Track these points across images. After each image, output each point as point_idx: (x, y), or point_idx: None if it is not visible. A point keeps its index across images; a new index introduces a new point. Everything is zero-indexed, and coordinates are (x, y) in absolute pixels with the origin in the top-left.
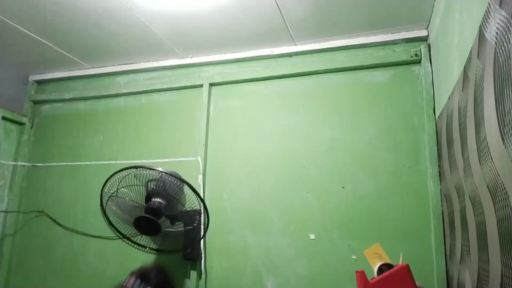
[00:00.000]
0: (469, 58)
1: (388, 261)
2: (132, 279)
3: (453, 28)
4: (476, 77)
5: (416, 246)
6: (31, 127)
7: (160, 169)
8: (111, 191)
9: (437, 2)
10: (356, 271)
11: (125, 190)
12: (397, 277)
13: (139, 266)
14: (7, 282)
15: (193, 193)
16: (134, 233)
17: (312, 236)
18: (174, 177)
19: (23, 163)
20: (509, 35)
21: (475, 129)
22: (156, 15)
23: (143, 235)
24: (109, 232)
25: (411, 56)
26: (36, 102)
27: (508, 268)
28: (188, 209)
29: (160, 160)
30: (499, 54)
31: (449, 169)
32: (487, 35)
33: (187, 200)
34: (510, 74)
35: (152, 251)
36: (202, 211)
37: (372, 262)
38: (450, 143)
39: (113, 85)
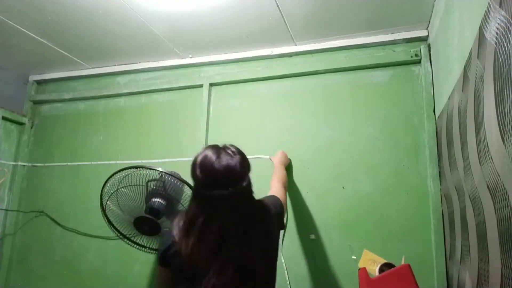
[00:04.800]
0: (469, 58)
1: (383, 261)
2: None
3: (453, 28)
4: (476, 77)
5: (416, 246)
6: (31, 127)
7: (160, 169)
8: (111, 191)
9: (437, 2)
10: (359, 269)
11: (125, 190)
12: (398, 276)
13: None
14: (7, 282)
15: None
16: (134, 233)
17: (312, 236)
18: (174, 177)
19: (23, 163)
20: (509, 35)
21: (475, 129)
22: (156, 15)
23: (143, 235)
24: (109, 232)
25: (411, 56)
26: (36, 102)
27: (508, 268)
28: None
29: (160, 160)
30: (499, 54)
31: (449, 169)
32: (487, 35)
33: (187, 200)
34: (510, 74)
35: (152, 251)
36: None
37: (371, 269)
38: (450, 143)
39: (113, 85)
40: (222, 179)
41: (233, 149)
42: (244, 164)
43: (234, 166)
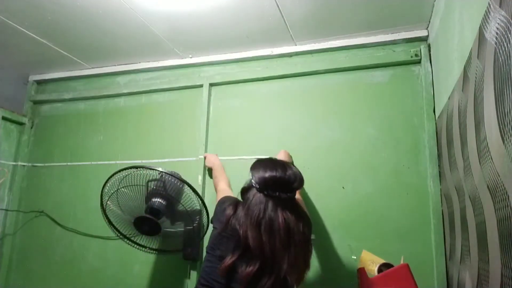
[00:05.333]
0: (469, 58)
1: (382, 261)
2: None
3: (453, 28)
4: (476, 77)
5: (416, 246)
6: (31, 127)
7: (160, 169)
8: (111, 191)
9: (437, 2)
10: (358, 268)
11: (125, 190)
12: (397, 276)
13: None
14: (7, 282)
15: (193, 193)
16: (134, 233)
17: (312, 236)
18: (174, 177)
19: (23, 163)
20: (509, 35)
21: (475, 129)
22: (156, 15)
23: (143, 235)
24: (109, 232)
25: (411, 56)
26: (36, 102)
27: (508, 268)
28: (188, 209)
29: (160, 160)
30: (499, 54)
31: (449, 169)
32: (487, 35)
33: (187, 200)
34: (510, 74)
35: (152, 251)
36: (202, 211)
37: (370, 270)
38: (450, 143)
39: (113, 85)
40: (290, 184)
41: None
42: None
43: (300, 176)
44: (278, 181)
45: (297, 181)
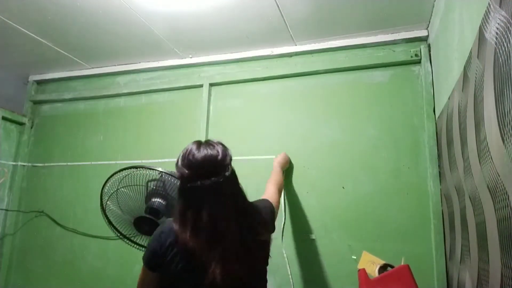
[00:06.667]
0: (469, 58)
1: (382, 262)
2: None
3: (453, 28)
4: (476, 77)
5: (416, 246)
6: (31, 127)
7: (160, 169)
8: (111, 191)
9: (437, 2)
10: (359, 269)
11: (125, 190)
12: (397, 277)
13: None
14: (7, 282)
15: None
16: (134, 233)
17: (312, 236)
18: (174, 177)
19: (23, 163)
20: (509, 35)
21: (475, 129)
22: (156, 15)
23: (143, 235)
24: (109, 232)
25: (411, 56)
26: (36, 102)
27: (508, 268)
28: None
29: (160, 160)
30: (499, 54)
31: (449, 169)
32: (487, 35)
33: None
34: (510, 74)
35: None
36: None
37: (370, 270)
38: (450, 143)
39: (113, 85)
40: (202, 169)
41: (214, 142)
42: (224, 154)
43: (213, 156)
44: (192, 166)
45: (213, 163)
